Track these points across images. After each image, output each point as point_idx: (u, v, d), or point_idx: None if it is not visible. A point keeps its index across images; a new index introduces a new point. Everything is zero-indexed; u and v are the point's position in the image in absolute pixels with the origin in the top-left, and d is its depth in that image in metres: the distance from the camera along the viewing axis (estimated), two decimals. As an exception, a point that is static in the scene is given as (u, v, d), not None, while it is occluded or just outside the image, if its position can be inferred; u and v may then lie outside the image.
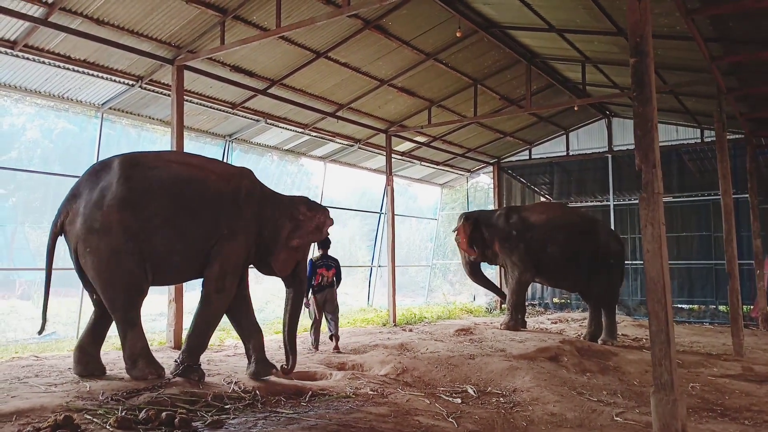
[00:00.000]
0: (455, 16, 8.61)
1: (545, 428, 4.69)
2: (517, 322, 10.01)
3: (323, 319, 8.17)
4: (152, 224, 5.20)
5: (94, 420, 3.81)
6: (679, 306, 13.58)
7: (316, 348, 8.05)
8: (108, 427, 3.72)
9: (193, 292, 11.25)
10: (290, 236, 5.97)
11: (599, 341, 9.03)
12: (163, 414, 3.98)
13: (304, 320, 7.44)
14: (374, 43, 9.18)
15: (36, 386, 4.64)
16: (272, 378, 5.67)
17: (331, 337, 8.10)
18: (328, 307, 8.13)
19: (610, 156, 14.25)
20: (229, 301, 5.71)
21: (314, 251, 8.28)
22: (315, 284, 8.05)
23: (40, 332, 5.33)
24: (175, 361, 5.53)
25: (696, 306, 13.56)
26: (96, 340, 5.47)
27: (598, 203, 14.93)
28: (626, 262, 9.56)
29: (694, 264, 13.34)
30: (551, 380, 6.17)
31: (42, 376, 5.18)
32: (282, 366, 5.95)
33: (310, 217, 6.09)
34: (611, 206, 14.12)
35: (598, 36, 8.80)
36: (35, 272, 18.31)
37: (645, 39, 4.65)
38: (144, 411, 4.02)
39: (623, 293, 12.81)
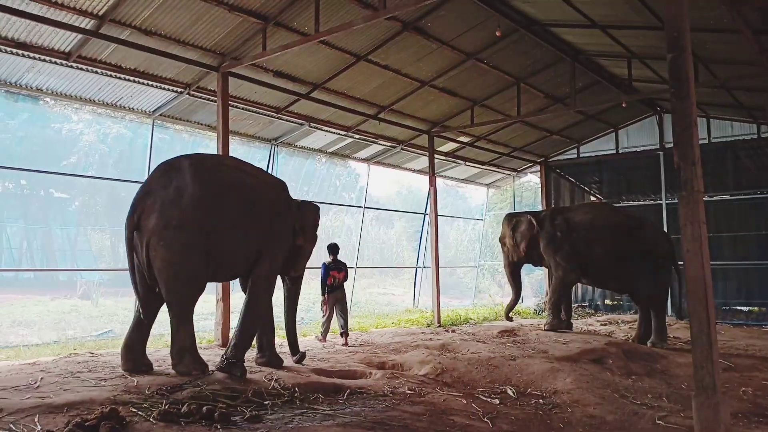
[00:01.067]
0: (495, 15, 8.57)
1: (582, 430, 4.63)
2: (559, 322, 9.91)
3: (334, 316, 8.92)
4: (222, 225, 5.56)
5: (139, 413, 4.00)
6: (737, 308, 13.06)
7: (324, 339, 8.84)
8: (151, 419, 3.90)
9: (239, 292, 11.58)
10: (307, 239, 6.67)
11: (648, 344, 8.80)
12: (204, 408, 4.14)
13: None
14: (414, 45, 9.23)
15: (87, 380, 4.89)
16: (312, 376, 5.79)
17: (341, 334, 8.73)
18: (339, 305, 8.83)
19: (661, 153, 13.84)
20: (271, 299, 6.24)
21: (326, 256, 9.08)
22: (329, 285, 8.72)
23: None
24: (222, 356, 5.82)
25: (755, 308, 13.02)
26: (142, 338, 5.70)
27: (651, 202, 14.51)
28: (679, 262, 9.25)
29: (752, 264, 12.80)
30: (593, 382, 6.07)
31: (94, 372, 5.44)
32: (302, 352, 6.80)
33: (312, 223, 6.90)
34: (663, 205, 13.72)
35: (643, 31, 8.59)
36: (96, 272, 19.21)
37: (683, 33, 4.54)
38: (186, 405, 4.18)
39: (675, 295, 12.42)
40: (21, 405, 4.03)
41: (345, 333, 8.72)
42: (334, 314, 8.84)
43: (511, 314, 11.07)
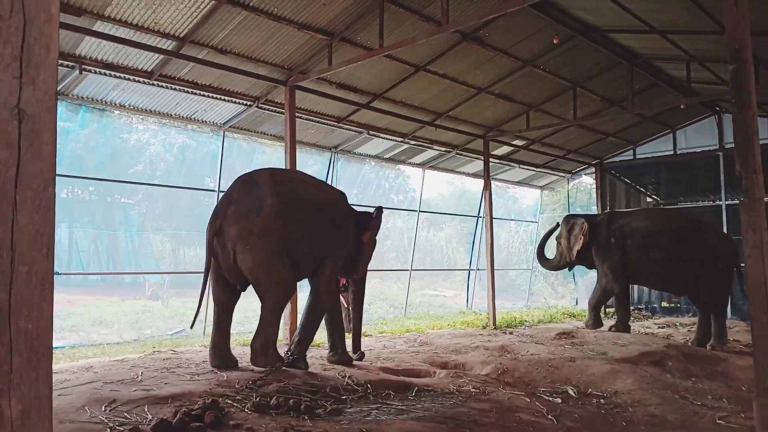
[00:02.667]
0: (552, 24, 8.77)
1: (645, 428, 4.83)
2: (595, 323, 10.32)
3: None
4: (297, 233, 6.07)
5: (234, 404, 4.43)
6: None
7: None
8: (246, 410, 4.32)
9: (301, 293, 12.08)
10: (368, 244, 7.11)
11: (708, 346, 8.81)
12: (291, 401, 4.55)
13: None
14: (471, 54, 9.50)
15: (182, 375, 5.37)
16: (381, 374, 6.15)
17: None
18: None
19: (721, 154, 13.65)
20: (331, 300, 6.83)
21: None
22: (342, 285, 9.10)
23: (192, 326, 6.29)
24: (286, 352, 6.30)
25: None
26: (225, 336, 6.14)
27: (710, 203, 14.31)
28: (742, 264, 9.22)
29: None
30: (654, 384, 6.22)
31: (183, 367, 5.93)
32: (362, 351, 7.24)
33: (376, 225, 7.27)
34: (723, 206, 13.53)
35: (702, 35, 8.62)
36: (160, 275, 20.16)
37: (744, 45, 4.69)
38: (274, 398, 4.61)
39: (737, 297, 12.24)
40: (131, 396, 4.52)
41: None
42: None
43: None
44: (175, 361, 6.52)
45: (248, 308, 10.63)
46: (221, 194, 7.85)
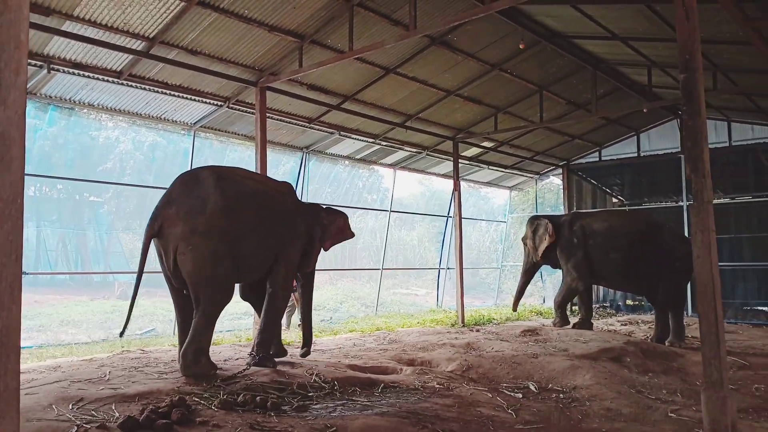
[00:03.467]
0: (518, 29, 8.98)
1: (599, 422, 5.04)
2: (562, 321, 10.56)
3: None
4: (244, 231, 5.89)
5: (201, 402, 4.52)
6: (758, 309, 13.26)
7: (288, 327, 10.25)
8: (213, 407, 4.41)
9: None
10: (321, 240, 6.99)
11: (666, 343, 9.13)
12: (258, 398, 4.65)
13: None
14: (440, 57, 9.68)
15: (150, 374, 5.43)
16: (349, 371, 6.28)
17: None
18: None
19: (682, 156, 14.04)
20: (289, 298, 6.75)
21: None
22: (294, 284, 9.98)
23: (121, 334, 5.78)
24: (250, 353, 6.30)
25: (776, 308, 13.21)
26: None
27: (672, 204, 14.76)
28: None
29: (773, 265, 13.01)
30: (611, 379, 6.45)
31: (151, 366, 5.99)
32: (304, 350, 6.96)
33: (331, 221, 7.12)
34: (684, 207, 13.92)
35: (662, 42, 8.93)
36: (131, 274, 19.96)
37: (694, 56, 4.92)
38: (241, 395, 4.70)
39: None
40: (98, 395, 4.57)
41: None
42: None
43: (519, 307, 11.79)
44: (143, 360, 6.57)
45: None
46: None
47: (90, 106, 8.85)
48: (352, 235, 7.43)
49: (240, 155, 11.92)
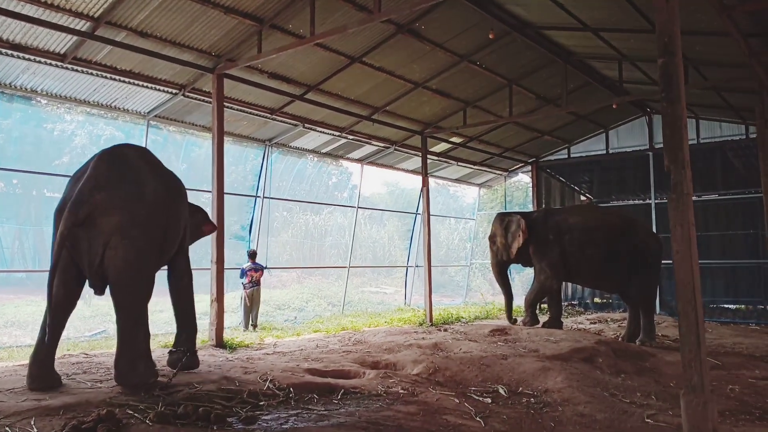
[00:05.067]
0: (488, 18, 8.65)
1: (573, 429, 4.72)
2: (532, 320, 10.29)
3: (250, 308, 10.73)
4: (172, 221, 5.45)
5: (135, 415, 4.04)
6: (725, 306, 13.25)
7: (246, 328, 10.57)
8: (147, 421, 3.94)
9: (234, 292, 11.63)
10: (194, 235, 6.52)
11: (637, 342, 8.92)
12: (200, 409, 4.19)
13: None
14: (408, 47, 9.30)
15: (83, 382, 4.93)
16: (307, 376, 5.85)
17: (254, 325, 10.71)
18: (254, 301, 10.80)
19: (651, 154, 13.99)
20: None
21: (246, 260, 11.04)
22: (247, 282, 10.72)
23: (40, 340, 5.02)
24: (180, 349, 5.82)
25: (743, 306, 13.21)
26: (53, 348, 5.13)
27: (640, 202, 14.68)
28: (665, 261, 9.45)
29: (740, 263, 13.00)
30: (584, 381, 6.16)
31: (90, 373, 5.48)
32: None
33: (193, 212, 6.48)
34: (653, 205, 13.87)
35: (634, 34, 8.70)
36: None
37: (673, 39, 4.64)
38: (182, 406, 4.23)
39: (666, 293, 12.58)
40: (17, 408, 4.07)
41: (254, 325, 10.71)
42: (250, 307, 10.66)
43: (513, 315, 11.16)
44: (83, 366, 6.06)
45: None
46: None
47: (33, 92, 8.23)
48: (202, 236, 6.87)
49: (198, 147, 11.38)
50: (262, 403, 4.75)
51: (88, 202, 4.80)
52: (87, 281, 5.13)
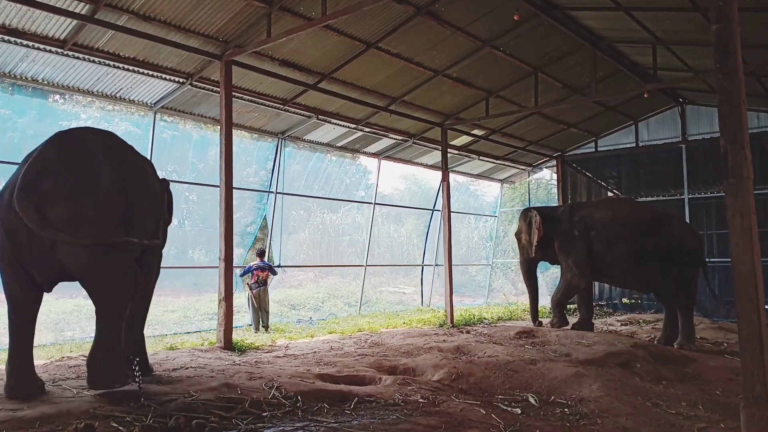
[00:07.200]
0: (513, -1, 8.10)
1: (616, 445, 4.17)
2: (560, 321, 9.70)
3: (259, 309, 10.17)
4: (138, 213, 4.87)
5: (120, 428, 3.57)
6: None
7: (257, 330, 9.97)
8: (134, 435, 3.48)
9: (242, 291, 11.20)
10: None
11: (675, 345, 8.29)
12: (194, 422, 3.72)
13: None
14: (427, 31, 8.76)
15: (68, 389, 4.49)
16: (317, 383, 5.36)
17: (265, 327, 10.10)
18: (262, 301, 10.17)
19: (683, 146, 13.28)
20: None
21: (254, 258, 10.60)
22: (253, 282, 10.14)
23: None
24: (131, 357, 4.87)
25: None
26: (29, 352, 4.72)
27: (671, 197, 13.94)
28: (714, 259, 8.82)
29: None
30: (622, 389, 5.60)
31: (82, 378, 5.03)
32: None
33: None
34: (686, 200, 13.18)
35: (671, 13, 8.07)
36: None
37: (729, 3, 4.08)
38: (174, 418, 3.76)
39: (700, 293, 11.88)
40: (-8, 418, 3.63)
41: (266, 326, 10.09)
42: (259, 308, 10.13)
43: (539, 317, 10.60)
44: (79, 370, 5.65)
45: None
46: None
47: (34, 81, 7.87)
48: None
49: (211, 141, 10.95)
50: (265, 414, 4.26)
51: (35, 191, 4.27)
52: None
